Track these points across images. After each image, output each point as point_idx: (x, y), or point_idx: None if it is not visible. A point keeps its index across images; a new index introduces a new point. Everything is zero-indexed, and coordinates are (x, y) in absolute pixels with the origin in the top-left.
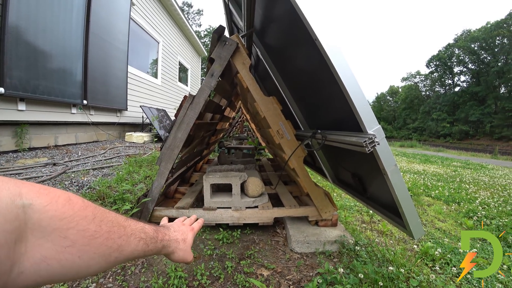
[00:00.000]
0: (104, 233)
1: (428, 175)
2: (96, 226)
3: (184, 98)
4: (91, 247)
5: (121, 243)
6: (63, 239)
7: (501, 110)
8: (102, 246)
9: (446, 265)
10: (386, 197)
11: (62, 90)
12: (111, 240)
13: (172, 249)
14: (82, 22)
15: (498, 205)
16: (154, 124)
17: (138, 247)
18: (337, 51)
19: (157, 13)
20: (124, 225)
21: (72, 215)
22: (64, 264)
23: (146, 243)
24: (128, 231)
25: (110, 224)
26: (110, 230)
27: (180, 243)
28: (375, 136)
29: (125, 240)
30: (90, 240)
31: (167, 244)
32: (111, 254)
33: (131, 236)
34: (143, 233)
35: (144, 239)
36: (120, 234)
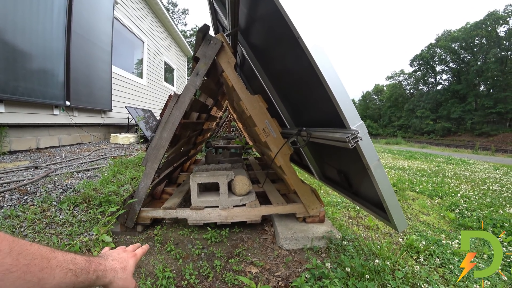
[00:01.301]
0: (22, 266)
1: (413, 171)
2: (12, 259)
3: (169, 97)
4: (5, 282)
5: (42, 276)
6: None
7: (481, 107)
8: (19, 280)
9: (430, 256)
10: (371, 191)
11: (43, 91)
12: (30, 273)
13: (109, 279)
14: (63, 21)
15: (478, 198)
16: (140, 124)
17: (66, 280)
18: (320, 49)
19: (141, 12)
20: (48, 257)
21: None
22: None
23: (75, 275)
24: (53, 263)
25: (30, 257)
26: (30, 263)
27: (118, 272)
28: (358, 132)
29: (48, 272)
30: (4, 274)
31: (102, 274)
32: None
33: (56, 268)
34: (72, 264)
35: (73, 270)
36: (42, 266)
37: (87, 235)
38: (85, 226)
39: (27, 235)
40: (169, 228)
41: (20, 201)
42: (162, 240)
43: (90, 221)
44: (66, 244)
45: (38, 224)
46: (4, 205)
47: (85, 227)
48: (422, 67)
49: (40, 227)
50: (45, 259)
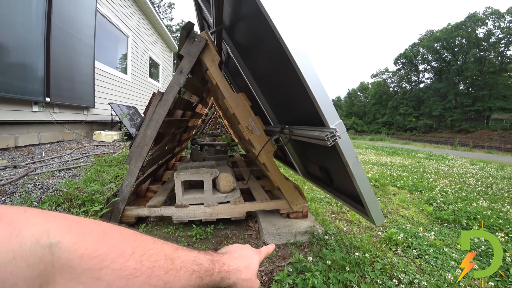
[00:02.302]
0: (146, 270)
1: (395, 167)
2: (135, 262)
3: (153, 95)
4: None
5: (168, 279)
6: (96, 281)
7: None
8: (145, 285)
9: (408, 248)
10: (350, 187)
11: (21, 86)
12: (155, 277)
13: (233, 281)
14: (42, 13)
15: (454, 192)
16: (124, 121)
17: (191, 282)
18: (301, 52)
19: (125, 5)
20: (172, 257)
21: (105, 252)
22: None
23: (200, 276)
24: (177, 264)
25: (154, 258)
26: (154, 266)
27: (242, 272)
28: (336, 130)
29: (173, 275)
30: (128, 280)
31: (226, 275)
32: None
33: (180, 270)
34: (196, 265)
35: (198, 271)
36: (166, 269)
37: None
38: None
39: None
40: (154, 226)
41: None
42: None
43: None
44: None
45: None
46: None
47: None
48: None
49: None
50: (169, 259)
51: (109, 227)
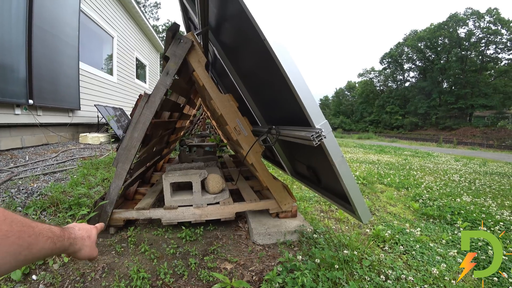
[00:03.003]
0: (15, 232)
1: (382, 164)
2: (7, 226)
3: (139, 97)
4: (3, 246)
5: (30, 241)
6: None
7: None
8: (14, 244)
9: (395, 244)
10: (337, 186)
11: (2, 89)
12: (22, 239)
13: (79, 247)
14: (23, 14)
15: (439, 188)
16: (111, 123)
17: (46, 245)
18: (285, 52)
19: (110, 6)
20: (32, 225)
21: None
22: None
23: (53, 242)
24: (37, 230)
25: (20, 224)
26: (21, 230)
27: (86, 240)
28: (322, 130)
29: (34, 238)
30: (2, 239)
31: (73, 242)
32: (21, 252)
33: (39, 235)
34: (51, 232)
35: (52, 237)
36: (29, 233)
37: None
38: None
39: None
40: (143, 229)
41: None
42: (136, 241)
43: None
44: None
45: None
46: None
47: None
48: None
49: None
50: (30, 227)
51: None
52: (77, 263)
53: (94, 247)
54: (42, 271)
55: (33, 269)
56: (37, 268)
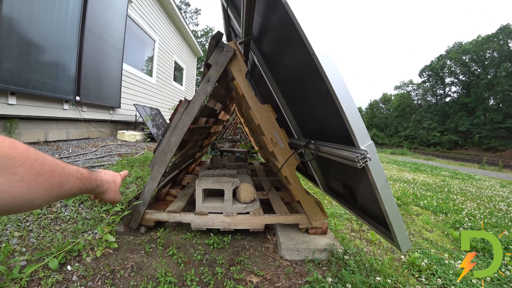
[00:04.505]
0: (47, 171)
1: (418, 184)
2: (40, 165)
3: (179, 102)
4: (37, 182)
5: (61, 180)
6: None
7: (490, 122)
8: (46, 182)
9: (432, 276)
10: (375, 208)
11: (54, 85)
12: (53, 177)
13: (105, 189)
14: (78, 18)
15: (484, 217)
16: (148, 124)
17: (75, 185)
18: (333, 66)
19: (154, 11)
20: (63, 166)
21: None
22: (15, 195)
23: (82, 182)
24: (67, 171)
25: (51, 164)
26: (53, 169)
27: (111, 184)
28: (367, 152)
29: (65, 178)
30: (36, 176)
31: (100, 184)
32: (53, 189)
33: (69, 175)
34: (79, 173)
35: (80, 178)
36: (60, 173)
37: (90, 233)
38: (89, 224)
39: (32, 230)
40: (172, 231)
41: None
42: (165, 243)
43: (94, 219)
44: (70, 242)
45: (44, 220)
46: None
47: (89, 225)
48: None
49: (46, 223)
50: (61, 167)
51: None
52: (108, 258)
53: (118, 192)
54: (76, 263)
55: (69, 259)
56: (72, 259)
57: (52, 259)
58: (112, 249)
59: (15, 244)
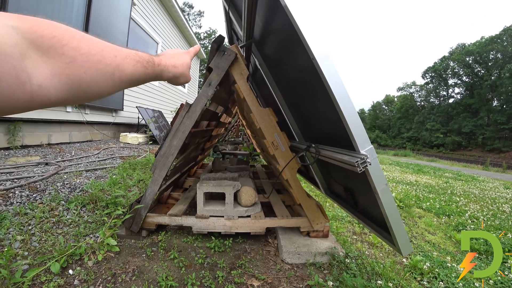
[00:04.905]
0: (98, 51)
1: (420, 186)
2: (88, 44)
3: (181, 106)
4: (92, 63)
5: (119, 62)
6: (62, 56)
7: (493, 123)
8: (101, 63)
9: (434, 279)
10: (376, 212)
11: None
12: (108, 58)
13: (173, 74)
14: (82, 19)
15: (487, 219)
16: (150, 126)
17: (138, 69)
18: (333, 71)
19: (157, 13)
20: (116, 48)
21: (60, 34)
22: (73, 79)
23: (144, 66)
24: (122, 53)
25: (101, 44)
26: (104, 49)
27: (179, 67)
28: (367, 157)
29: (122, 60)
30: (87, 56)
31: (165, 69)
32: (114, 73)
33: (126, 58)
34: (138, 56)
35: (141, 62)
36: (114, 53)
37: (92, 237)
38: (91, 227)
39: (35, 234)
40: (173, 235)
41: (30, 199)
42: (166, 246)
43: (96, 222)
44: (72, 245)
45: (46, 223)
46: (14, 202)
47: (91, 229)
48: (434, 80)
49: (48, 226)
50: (114, 48)
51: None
52: (110, 262)
53: (188, 74)
54: (78, 267)
55: (70, 263)
56: (73, 263)
57: (54, 263)
58: (113, 253)
59: (17, 248)
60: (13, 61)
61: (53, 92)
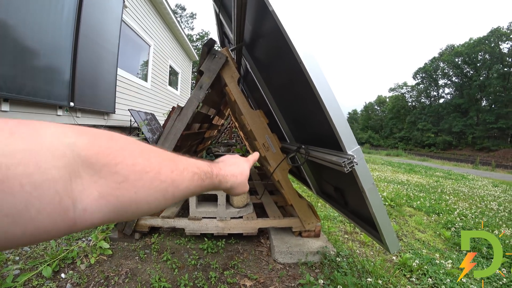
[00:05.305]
0: (154, 166)
1: (411, 186)
2: (144, 160)
3: (172, 109)
4: (144, 181)
5: (174, 177)
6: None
7: (482, 122)
8: (156, 180)
9: (423, 276)
10: (365, 211)
11: (48, 91)
12: (163, 174)
13: (230, 184)
14: (72, 22)
15: (475, 217)
16: (143, 129)
17: (193, 182)
18: (322, 78)
19: (149, 16)
20: (175, 160)
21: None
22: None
23: (201, 178)
24: (180, 165)
25: (159, 159)
26: (161, 165)
27: (237, 177)
28: (354, 157)
29: (178, 174)
30: (141, 174)
31: (223, 179)
32: (167, 188)
33: (184, 171)
34: (196, 168)
35: (198, 173)
36: (171, 168)
37: (85, 240)
38: (83, 231)
39: None
40: (166, 237)
41: None
42: (159, 248)
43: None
44: (64, 249)
45: None
46: None
47: (83, 232)
48: (425, 80)
49: None
50: (172, 161)
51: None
52: (103, 265)
53: (246, 184)
54: (70, 270)
55: (62, 267)
56: (66, 266)
57: (45, 267)
58: (106, 256)
59: (8, 253)
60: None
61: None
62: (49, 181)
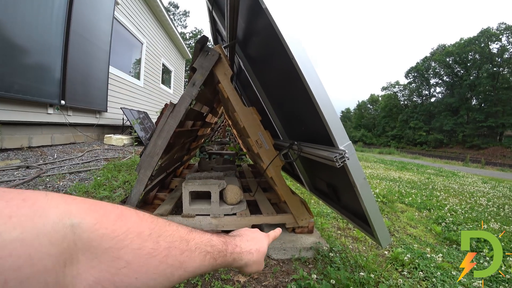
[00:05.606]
0: (163, 250)
1: (403, 182)
2: (153, 243)
3: (165, 106)
4: (148, 267)
5: (183, 259)
6: (116, 260)
7: (472, 121)
8: (162, 264)
9: (414, 269)
10: (357, 206)
11: (39, 89)
12: (171, 257)
13: (245, 262)
14: (63, 19)
15: (464, 212)
16: (135, 127)
17: (205, 262)
18: (313, 72)
19: (142, 13)
20: (187, 239)
21: (125, 232)
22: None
23: (213, 257)
24: (192, 245)
25: (169, 239)
26: (170, 246)
27: (254, 254)
28: (345, 152)
29: (189, 256)
30: (147, 259)
31: (238, 257)
32: (173, 272)
33: (195, 251)
34: (210, 246)
35: (211, 252)
36: (182, 249)
37: None
38: None
39: None
40: None
41: None
42: None
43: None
44: None
45: None
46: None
47: None
48: (417, 79)
49: None
50: (184, 241)
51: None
52: None
53: (262, 262)
54: None
55: None
56: None
57: None
58: None
59: None
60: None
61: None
62: (40, 272)
